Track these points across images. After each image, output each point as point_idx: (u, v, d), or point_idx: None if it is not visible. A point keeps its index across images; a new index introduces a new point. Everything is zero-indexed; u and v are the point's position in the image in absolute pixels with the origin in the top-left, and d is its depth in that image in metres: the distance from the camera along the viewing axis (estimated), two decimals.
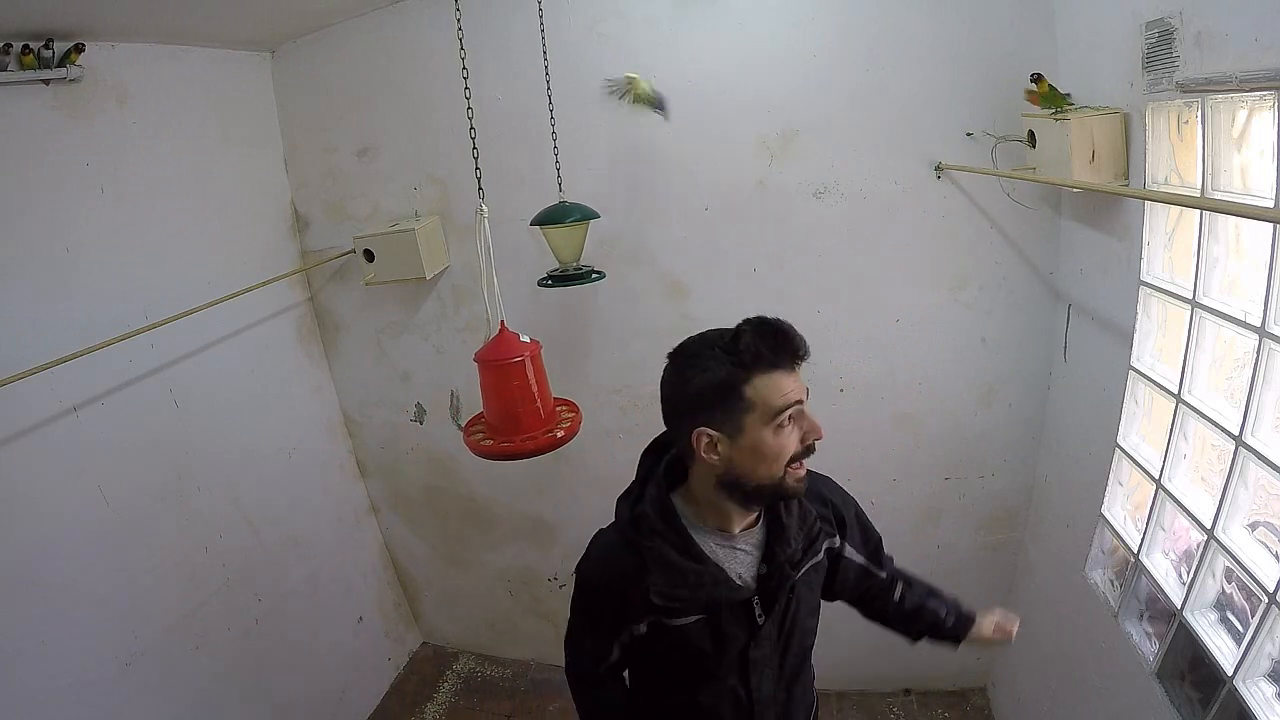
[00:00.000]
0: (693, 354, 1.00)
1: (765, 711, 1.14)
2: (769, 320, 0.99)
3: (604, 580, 1.09)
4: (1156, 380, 1.50)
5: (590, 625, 1.12)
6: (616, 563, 1.06)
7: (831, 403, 2.22)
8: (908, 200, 2.00)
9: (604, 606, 1.09)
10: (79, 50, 1.67)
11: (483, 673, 2.84)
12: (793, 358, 0.97)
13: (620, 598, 1.06)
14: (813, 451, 1.01)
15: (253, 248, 2.30)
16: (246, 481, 2.21)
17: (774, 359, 0.96)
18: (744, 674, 1.10)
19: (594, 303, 2.23)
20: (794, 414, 0.98)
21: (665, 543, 1.03)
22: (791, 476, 1.00)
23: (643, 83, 1.79)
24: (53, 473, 1.65)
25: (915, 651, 2.40)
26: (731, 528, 1.07)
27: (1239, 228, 1.29)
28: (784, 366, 0.97)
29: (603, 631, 1.10)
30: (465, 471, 2.62)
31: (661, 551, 1.02)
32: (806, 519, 1.12)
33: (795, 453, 0.99)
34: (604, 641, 1.11)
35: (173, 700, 1.88)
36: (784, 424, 0.97)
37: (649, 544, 1.03)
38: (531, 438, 1.31)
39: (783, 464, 0.98)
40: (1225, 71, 1.15)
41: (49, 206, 1.68)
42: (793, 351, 0.97)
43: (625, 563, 1.05)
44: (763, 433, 0.96)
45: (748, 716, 1.13)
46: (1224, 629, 1.31)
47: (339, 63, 2.27)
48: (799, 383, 0.98)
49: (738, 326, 0.99)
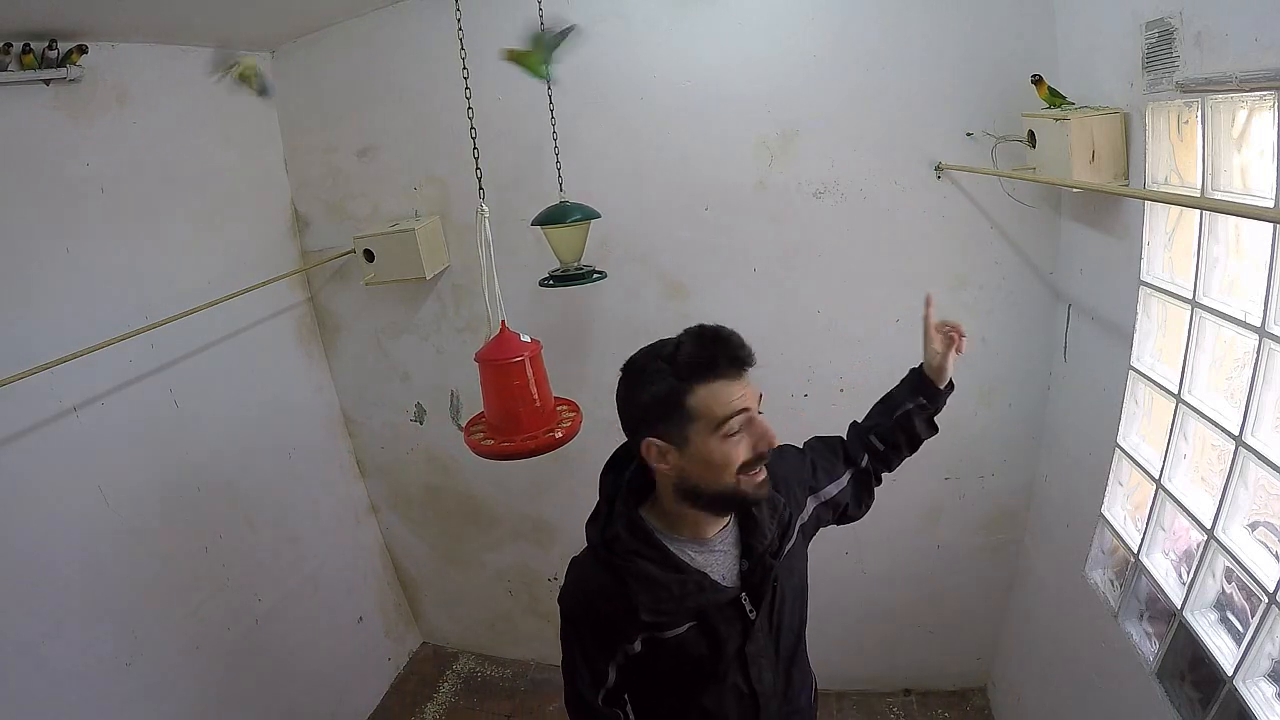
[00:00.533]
0: (639, 367, 1.00)
1: (769, 702, 1.13)
2: (708, 328, 0.98)
3: (588, 608, 1.07)
4: (1156, 380, 1.50)
5: (583, 654, 1.09)
6: (597, 588, 1.05)
7: (831, 402, 2.22)
8: (908, 200, 2.00)
9: (593, 633, 1.08)
10: (81, 51, 1.68)
11: (483, 673, 2.84)
12: (734, 365, 0.96)
13: (607, 621, 1.05)
14: (764, 459, 0.98)
15: (253, 248, 2.30)
16: (246, 481, 2.21)
17: (713, 368, 0.94)
18: (744, 670, 1.09)
19: (594, 303, 2.23)
20: (741, 422, 0.96)
21: (643, 559, 1.02)
22: (748, 484, 0.98)
23: (250, 59, 1.81)
24: (53, 473, 1.65)
25: (915, 651, 2.41)
26: (704, 533, 1.06)
27: (1239, 228, 1.29)
28: (726, 375, 0.95)
29: (596, 658, 1.08)
30: (465, 471, 2.62)
31: (641, 569, 1.01)
32: (776, 505, 1.11)
33: (745, 461, 0.97)
34: (599, 667, 1.08)
35: (173, 700, 1.88)
36: (731, 433, 0.95)
37: (627, 564, 1.02)
38: (532, 437, 1.31)
39: (733, 472, 0.97)
40: (1225, 71, 1.15)
41: (49, 206, 1.68)
42: (732, 359, 0.95)
43: (605, 586, 1.03)
44: (709, 442, 0.95)
45: (753, 710, 1.12)
46: (1224, 629, 1.31)
47: (339, 63, 2.27)
48: (747, 389, 0.97)
49: (678, 336, 0.99)
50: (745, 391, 0.96)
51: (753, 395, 0.98)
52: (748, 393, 0.97)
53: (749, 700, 1.12)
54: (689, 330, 0.99)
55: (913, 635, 2.45)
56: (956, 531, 2.29)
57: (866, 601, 2.42)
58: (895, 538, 2.34)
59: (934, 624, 2.43)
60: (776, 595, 1.10)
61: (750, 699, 1.12)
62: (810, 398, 2.23)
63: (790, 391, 2.23)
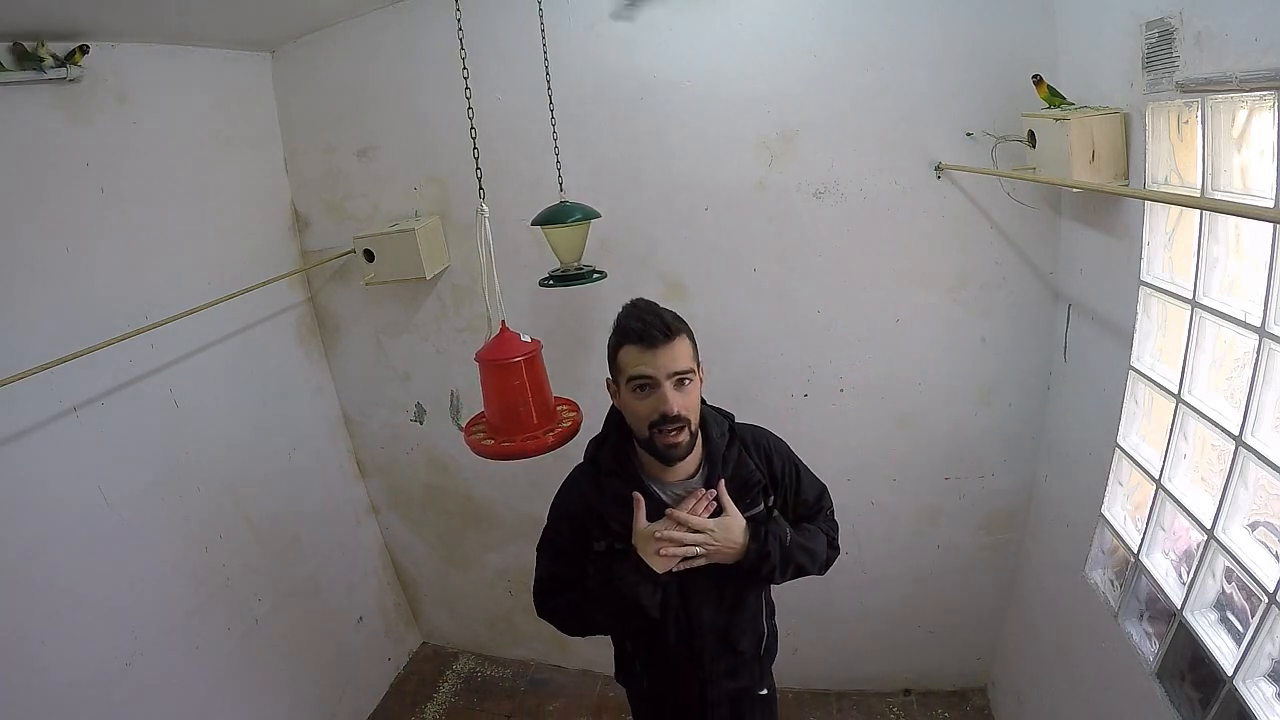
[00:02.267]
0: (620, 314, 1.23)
1: (706, 635, 1.32)
2: (639, 303, 1.22)
3: (567, 509, 1.32)
4: (1156, 380, 1.50)
5: (559, 548, 1.32)
6: (578, 494, 1.31)
7: (831, 403, 2.22)
8: (908, 200, 2.00)
9: (569, 529, 1.30)
10: (83, 51, 1.67)
11: (483, 673, 2.85)
12: (641, 340, 1.15)
13: (580, 522, 1.28)
14: (668, 424, 1.16)
15: (253, 248, 2.29)
16: (246, 481, 2.21)
17: (626, 335, 1.18)
18: (683, 595, 1.28)
19: (595, 303, 2.23)
20: (641, 384, 1.17)
21: (617, 478, 1.26)
22: (659, 440, 1.18)
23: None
24: (53, 473, 1.65)
25: (915, 651, 2.41)
26: (663, 475, 1.26)
27: (1239, 228, 1.29)
28: (636, 344, 1.16)
29: (569, 552, 1.30)
30: (465, 471, 2.62)
31: (612, 485, 1.25)
32: (743, 471, 1.29)
33: (652, 420, 1.16)
34: (572, 562, 1.30)
35: (173, 700, 1.88)
36: (637, 391, 1.17)
37: (606, 481, 1.26)
38: (532, 437, 1.31)
39: (644, 425, 1.18)
40: (1225, 71, 1.15)
41: (49, 206, 1.68)
42: (640, 333, 1.15)
43: (584, 494, 1.29)
44: (624, 393, 1.20)
45: (689, 635, 1.32)
46: (1224, 629, 1.31)
47: (339, 63, 2.27)
48: (657, 361, 1.15)
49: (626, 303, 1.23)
50: (656, 362, 1.15)
51: (665, 368, 1.15)
52: (659, 364, 1.15)
53: (684, 626, 1.31)
54: (632, 300, 1.23)
55: (913, 635, 2.45)
56: (956, 531, 2.29)
57: (866, 601, 2.42)
58: (895, 538, 2.34)
59: (934, 624, 2.43)
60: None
61: (685, 625, 1.31)
62: (810, 398, 2.23)
63: (790, 391, 2.23)
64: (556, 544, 1.33)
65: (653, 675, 1.42)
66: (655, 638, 1.33)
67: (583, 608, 1.28)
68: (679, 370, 1.16)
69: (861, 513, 2.30)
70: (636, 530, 1.22)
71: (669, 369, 1.15)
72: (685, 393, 1.18)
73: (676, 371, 1.16)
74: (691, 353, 1.20)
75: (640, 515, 1.23)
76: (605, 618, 1.28)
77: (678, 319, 1.20)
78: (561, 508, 1.33)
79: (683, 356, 1.17)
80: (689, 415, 1.18)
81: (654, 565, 1.20)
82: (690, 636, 1.32)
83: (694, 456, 1.26)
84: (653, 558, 1.20)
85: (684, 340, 1.19)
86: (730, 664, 1.37)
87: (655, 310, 1.19)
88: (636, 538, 1.22)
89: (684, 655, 1.34)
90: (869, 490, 2.29)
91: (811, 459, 1.47)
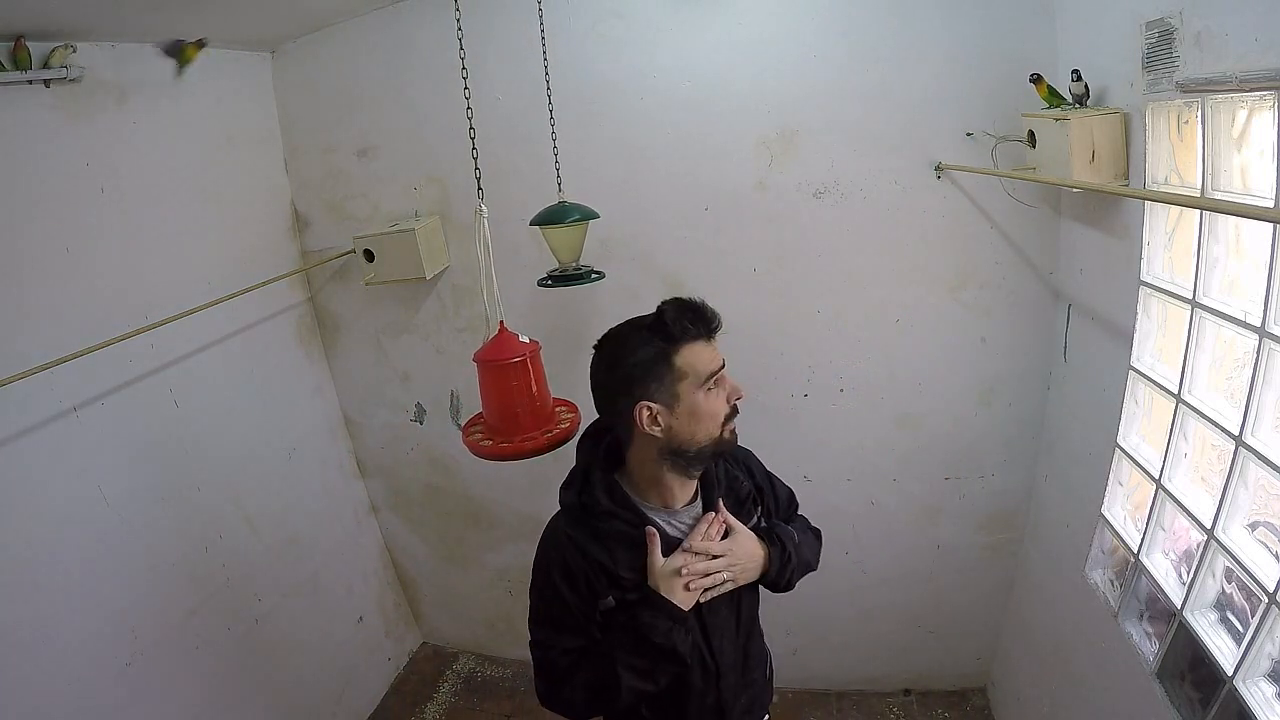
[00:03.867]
0: (620, 339, 1.12)
1: (728, 673, 1.21)
2: (686, 299, 1.11)
3: (564, 567, 1.13)
4: (1156, 380, 1.50)
5: (558, 618, 1.14)
6: (574, 547, 1.13)
7: (831, 402, 2.22)
8: (908, 200, 2.00)
9: (570, 592, 1.13)
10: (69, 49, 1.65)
11: (483, 673, 2.85)
12: (710, 330, 1.10)
13: (583, 579, 1.12)
14: (737, 412, 1.12)
15: (253, 248, 2.29)
16: (246, 481, 2.21)
17: (696, 331, 1.08)
18: (705, 635, 1.17)
19: (594, 303, 2.23)
20: (719, 378, 1.10)
21: (620, 521, 1.12)
22: (729, 433, 1.12)
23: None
24: (53, 473, 1.65)
25: (915, 651, 2.41)
26: (674, 502, 1.17)
27: (1239, 228, 1.29)
28: (704, 337, 1.09)
29: (573, 619, 1.13)
30: (465, 471, 2.62)
31: (618, 529, 1.12)
32: (735, 486, 1.23)
33: (726, 413, 1.11)
34: (578, 630, 1.13)
35: (173, 700, 1.88)
36: (712, 387, 1.09)
37: (606, 526, 1.12)
38: (531, 438, 1.31)
39: (719, 423, 1.10)
40: (1225, 71, 1.15)
41: (49, 206, 1.68)
42: (708, 323, 1.10)
43: (581, 544, 1.12)
44: (696, 397, 1.08)
45: (715, 677, 1.20)
46: (1224, 629, 1.31)
47: (339, 63, 2.27)
48: (717, 352, 1.11)
49: (659, 306, 1.11)
50: (718, 354, 1.11)
51: (721, 358, 1.11)
52: (719, 355, 1.11)
53: (711, 668, 1.19)
54: (668, 300, 1.11)
55: (913, 635, 2.45)
56: (956, 531, 2.29)
57: (866, 601, 2.42)
58: (895, 538, 2.34)
59: (934, 624, 2.43)
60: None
61: (713, 667, 1.19)
62: (810, 398, 2.23)
63: (790, 391, 2.23)
64: (555, 614, 1.15)
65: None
66: (680, 690, 1.18)
67: (607, 678, 1.10)
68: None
69: (861, 513, 2.30)
70: (655, 570, 1.10)
71: (719, 359, 1.11)
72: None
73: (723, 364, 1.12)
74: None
75: (656, 552, 1.11)
76: (637, 680, 1.10)
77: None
78: (553, 569, 1.14)
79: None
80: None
81: (681, 603, 1.09)
82: (716, 677, 1.20)
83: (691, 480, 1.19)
84: (680, 594, 1.09)
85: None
86: (748, 698, 1.29)
87: (696, 300, 1.12)
88: (657, 577, 1.10)
89: (709, 701, 1.21)
90: (869, 490, 2.29)
91: (811, 459, 1.48)
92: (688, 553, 1.12)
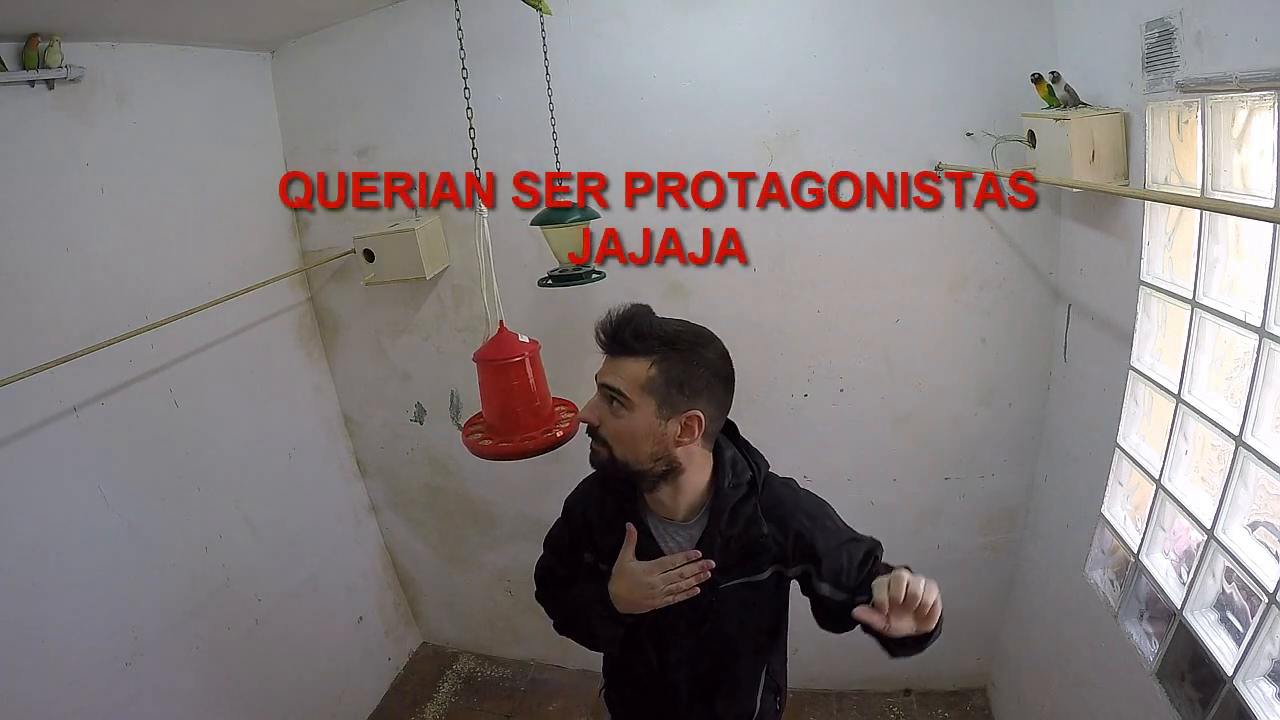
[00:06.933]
0: None
1: (680, 690, 1.24)
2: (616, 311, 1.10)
3: (572, 508, 1.29)
4: (1156, 380, 1.50)
5: (557, 546, 1.32)
6: (586, 495, 1.28)
7: (831, 403, 2.22)
8: (908, 200, 1.99)
9: (568, 531, 1.29)
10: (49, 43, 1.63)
11: (483, 673, 2.84)
12: (603, 343, 1.10)
13: (578, 526, 1.26)
14: (591, 435, 1.12)
15: (253, 248, 2.29)
16: (246, 481, 2.20)
17: (601, 343, 1.10)
18: (655, 638, 1.21)
19: (594, 303, 2.23)
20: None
21: (619, 497, 1.19)
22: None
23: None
24: (53, 473, 1.65)
25: None
26: (661, 511, 1.19)
27: (1239, 228, 1.29)
28: (606, 351, 1.10)
29: (565, 554, 1.30)
30: (465, 471, 2.62)
31: (612, 503, 1.20)
32: (750, 532, 1.14)
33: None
34: (564, 562, 1.30)
35: (173, 700, 1.88)
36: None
37: (611, 499, 1.21)
38: (530, 438, 1.31)
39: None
40: (1225, 71, 1.15)
41: (49, 206, 1.68)
42: (604, 338, 1.09)
43: (592, 496, 1.25)
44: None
45: (659, 680, 1.25)
46: (1224, 629, 1.31)
47: (339, 63, 2.26)
48: (606, 368, 1.10)
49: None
50: (603, 368, 1.10)
51: (602, 374, 1.09)
52: (603, 369, 1.10)
53: (655, 671, 1.24)
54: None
55: None
56: (956, 531, 2.29)
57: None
58: (895, 538, 2.32)
59: None
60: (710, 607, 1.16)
61: (657, 670, 1.23)
62: (810, 398, 2.23)
63: (790, 391, 2.23)
64: (556, 541, 1.33)
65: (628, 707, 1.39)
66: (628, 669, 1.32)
67: (562, 609, 1.30)
68: (608, 384, 1.07)
69: (861, 513, 2.29)
70: (620, 564, 1.15)
71: (603, 377, 1.08)
72: (612, 412, 1.07)
73: (606, 384, 1.07)
74: (640, 383, 1.04)
75: (629, 550, 1.15)
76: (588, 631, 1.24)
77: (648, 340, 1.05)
78: (569, 507, 1.31)
79: (623, 376, 1.05)
80: (607, 436, 1.09)
81: (618, 605, 1.14)
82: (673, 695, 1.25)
83: (697, 501, 1.16)
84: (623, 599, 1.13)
85: (638, 363, 1.05)
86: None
87: (630, 318, 1.07)
88: (618, 570, 1.15)
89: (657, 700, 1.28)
90: (869, 490, 2.29)
91: (812, 459, 1.48)
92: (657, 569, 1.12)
